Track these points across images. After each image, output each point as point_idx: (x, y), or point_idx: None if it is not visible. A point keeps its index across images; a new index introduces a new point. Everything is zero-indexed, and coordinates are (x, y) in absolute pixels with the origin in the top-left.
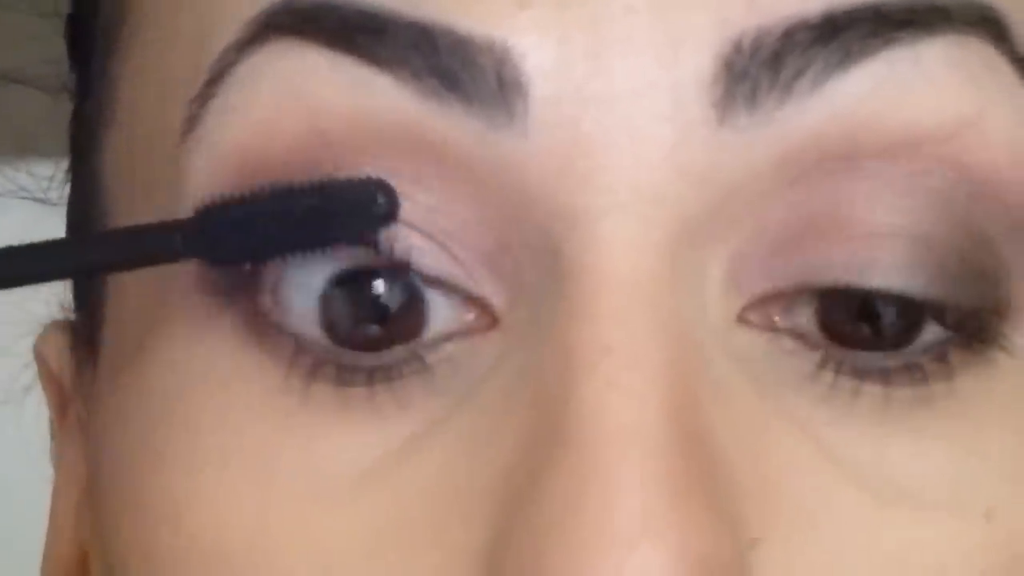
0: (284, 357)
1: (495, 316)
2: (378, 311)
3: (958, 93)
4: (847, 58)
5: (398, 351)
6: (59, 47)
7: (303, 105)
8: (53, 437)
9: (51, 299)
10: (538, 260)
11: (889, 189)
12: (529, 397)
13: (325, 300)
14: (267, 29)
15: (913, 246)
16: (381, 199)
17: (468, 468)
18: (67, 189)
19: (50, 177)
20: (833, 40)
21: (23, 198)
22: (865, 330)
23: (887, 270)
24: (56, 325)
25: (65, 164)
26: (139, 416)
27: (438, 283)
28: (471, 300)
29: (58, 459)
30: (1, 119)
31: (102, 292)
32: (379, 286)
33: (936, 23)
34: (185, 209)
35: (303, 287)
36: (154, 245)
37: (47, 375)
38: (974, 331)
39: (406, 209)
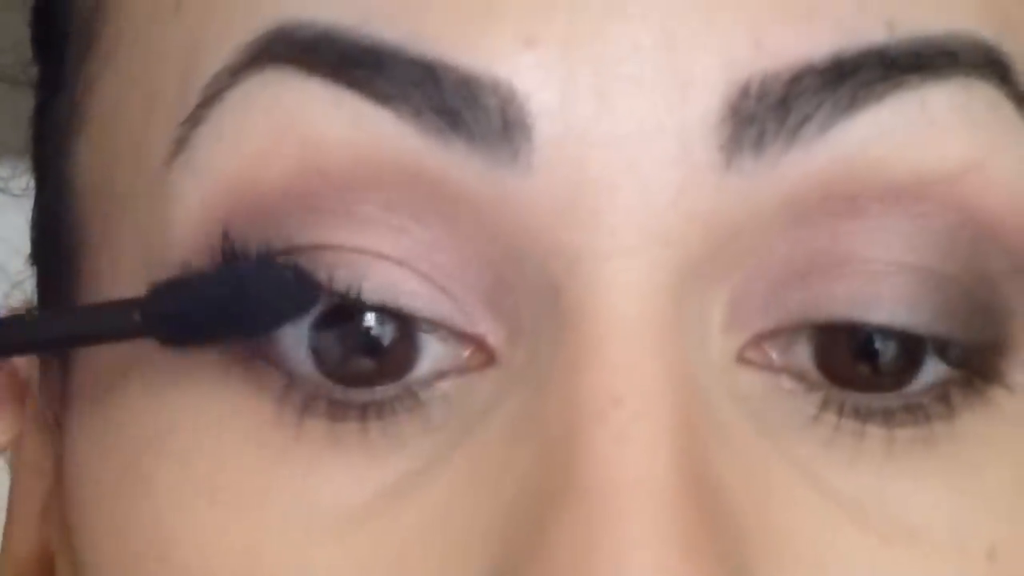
0: (275, 392)
1: (492, 354)
2: (369, 345)
3: (963, 137)
4: (854, 103)
5: (391, 388)
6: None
7: (299, 136)
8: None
9: None
10: (538, 299)
11: (892, 229)
12: (532, 442)
13: (315, 334)
14: (263, 56)
15: (916, 282)
16: (300, 291)
17: (467, 509)
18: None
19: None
20: (840, 85)
21: None
22: (864, 369)
23: (891, 306)
24: (15, 314)
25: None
26: (124, 443)
27: (433, 323)
28: (466, 338)
29: (17, 452)
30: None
31: (70, 296)
32: (370, 319)
33: (943, 67)
34: (175, 233)
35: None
36: (111, 323)
37: (3, 367)
38: (976, 368)
39: (403, 245)
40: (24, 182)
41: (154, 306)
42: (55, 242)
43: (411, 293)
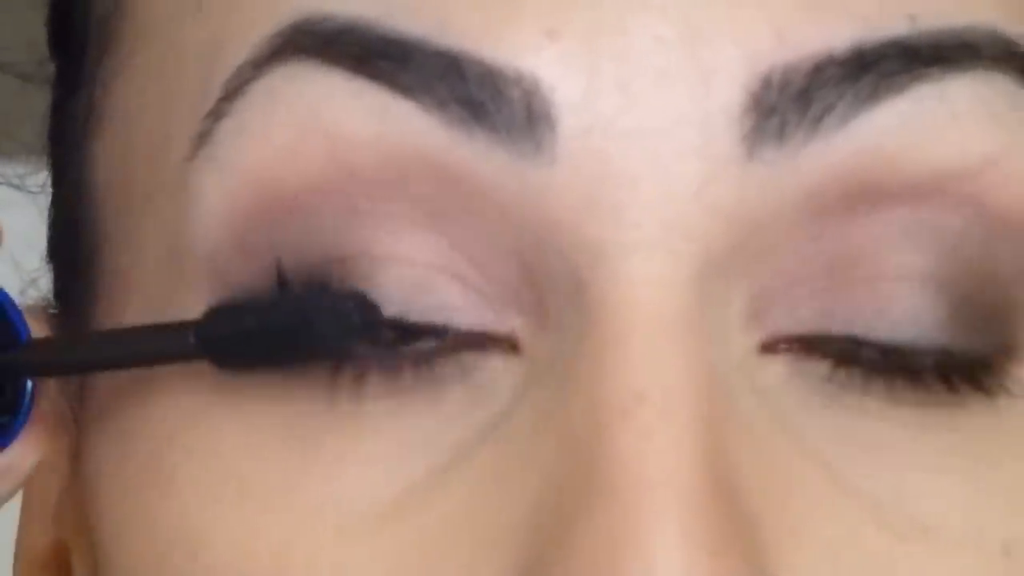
0: (303, 383)
1: (517, 344)
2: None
3: (983, 131)
4: (875, 95)
5: (416, 374)
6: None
7: (323, 130)
8: None
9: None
10: (562, 291)
11: (909, 226)
12: (556, 437)
13: None
14: (286, 48)
15: (927, 293)
16: (356, 316)
17: (493, 504)
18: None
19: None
20: (862, 77)
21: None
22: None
23: (901, 322)
24: (31, 311)
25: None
26: (146, 438)
27: (470, 333)
28: (495, 335)
29: None
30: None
31: (91, 294)
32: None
33: (964, 60)
34: (199, 228)
35: None
36: (165, 345)
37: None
38: (983, 373)
39: (432, 244)
40: (40, 179)
41: (210, 329)
42: (73, 239)
43: (455, 309)
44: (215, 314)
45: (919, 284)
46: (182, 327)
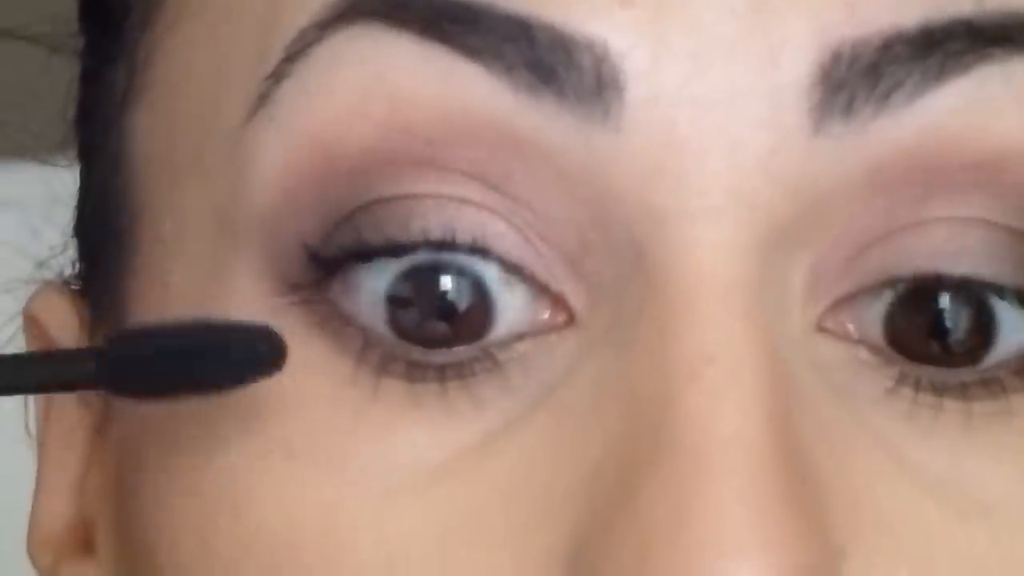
0: (352, 351)
1: (571, 314)
2: (445, 308)
3: None
4: (942, 73)
5: (469, 349)
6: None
7: (387, 93)
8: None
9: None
10: (621, 260)
11: (974, 202)
12: (619, 402)
13: (392, 296)
14: (352, 11)
15: (997, 238)
16: (265, 349)
17: (549, 469)
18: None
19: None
20: (929, 54)
21: None
22: (935, 347)
23: (973, 257)
24: (52, 287)
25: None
26: (192, 403)
27: (517, 271)
28: (546, 295)
29: (46, 423)
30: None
31: (127, 265)
32: (447, 282)
33: None
34: (255, 189)
35: (371, 280)
36: (69, 372)
37: (40, 337)
38: None
39: (489, 199)
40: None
41: (112, 355)
42: (105, 211)
43: (499, 235)
44: (118, 339)
45: (992, 233)
46: (86, 353)
